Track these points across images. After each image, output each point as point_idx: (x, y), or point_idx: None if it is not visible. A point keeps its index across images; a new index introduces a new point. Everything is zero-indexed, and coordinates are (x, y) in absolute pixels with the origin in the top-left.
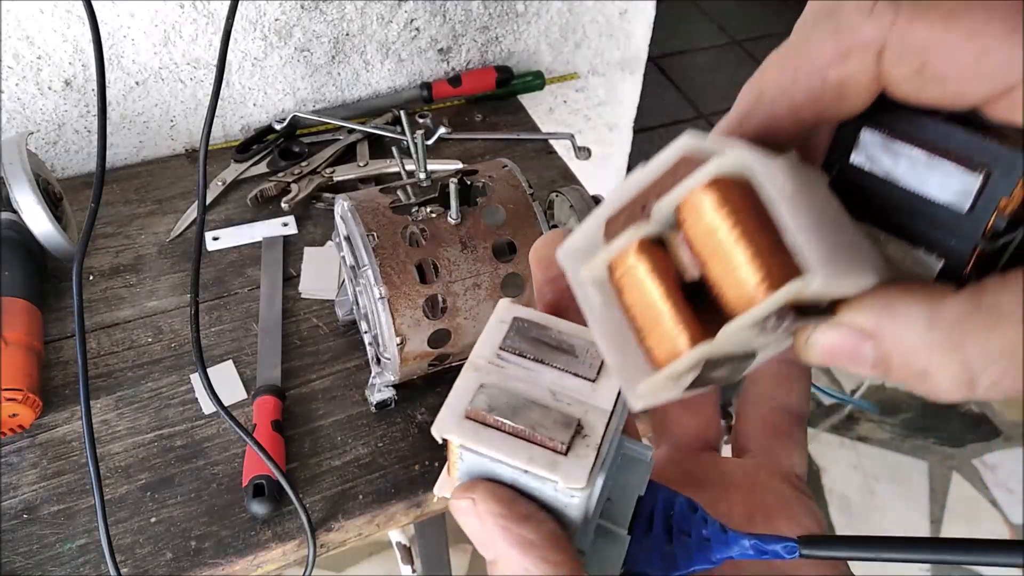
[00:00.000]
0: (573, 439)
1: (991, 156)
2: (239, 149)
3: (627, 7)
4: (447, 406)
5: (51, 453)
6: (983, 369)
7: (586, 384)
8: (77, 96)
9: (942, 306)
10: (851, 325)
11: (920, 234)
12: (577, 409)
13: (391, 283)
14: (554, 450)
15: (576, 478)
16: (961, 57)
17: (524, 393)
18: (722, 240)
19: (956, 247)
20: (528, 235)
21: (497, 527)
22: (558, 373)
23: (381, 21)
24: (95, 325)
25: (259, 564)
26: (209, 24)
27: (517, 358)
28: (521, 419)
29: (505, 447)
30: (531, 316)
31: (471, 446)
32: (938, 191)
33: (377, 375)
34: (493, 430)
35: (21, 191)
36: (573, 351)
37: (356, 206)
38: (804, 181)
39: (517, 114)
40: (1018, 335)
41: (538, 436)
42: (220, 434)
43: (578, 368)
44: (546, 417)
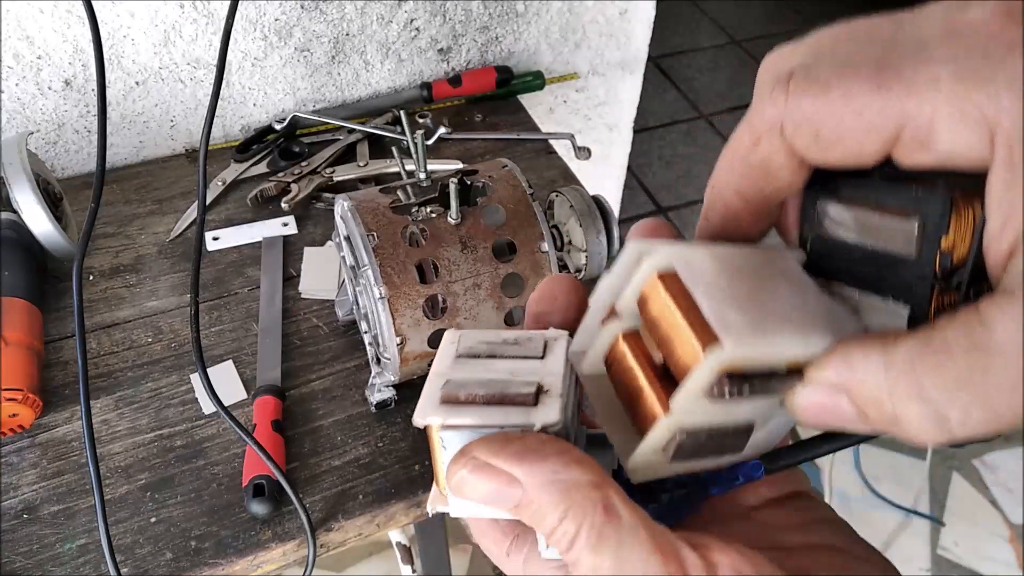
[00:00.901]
0: (538, 394)
1: (919, 203)
2: (239, 149)
3: (627, 7)
4: (423, 398)
5: (51, 453)
6: (948, 405)
7: (536, 362)
8: (77, 96)
9: (895, 349)
10: (820, 382)
11: (886, 285)
12: (534, 377)
13: (391, 283)
14: (525, 404)
15: (551, 417)
16: (844, 120)
17: (486, 377)
18: (667, 325)
19: (917, 291)
20: (528, 235)
21: (511, 459)
22: (510, 360)
23: (381, 21)
24: (95, 325)
25: (259, 564)
26: (209, 24)
27: (473, 359)
28: (490, 389)
29: (482, 414)
30: (475, 332)
31: (453, 421)
32: (888, 244)
33: (377, 375)
34: (468, 405)
35: (21, 191)
36: (518, 343)
37: (356, 206)
38: (733, 265)
39: (517, 114)
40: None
41: (508, 396)
42: (220, 434)
43: (526, 352)
44: (510, 386)
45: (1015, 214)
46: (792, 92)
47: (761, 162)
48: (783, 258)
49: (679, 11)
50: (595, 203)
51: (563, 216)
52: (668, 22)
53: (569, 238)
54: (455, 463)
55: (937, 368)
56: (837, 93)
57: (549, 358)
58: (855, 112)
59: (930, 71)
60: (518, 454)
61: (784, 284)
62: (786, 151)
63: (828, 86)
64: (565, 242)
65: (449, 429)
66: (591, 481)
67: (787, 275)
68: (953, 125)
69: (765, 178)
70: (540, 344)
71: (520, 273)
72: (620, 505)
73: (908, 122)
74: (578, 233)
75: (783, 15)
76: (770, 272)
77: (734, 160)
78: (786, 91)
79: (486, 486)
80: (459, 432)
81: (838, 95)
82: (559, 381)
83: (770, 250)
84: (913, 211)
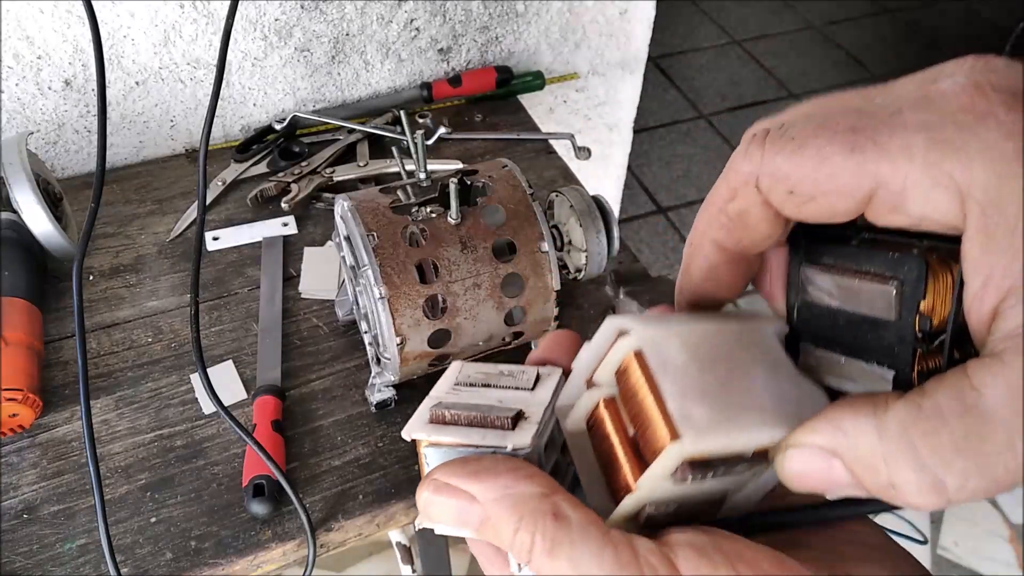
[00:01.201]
0: (517, 420)
1: (896, 267)
2: (239, 149)
3: (627, 7)
4: (413, 417)
5: (51, 453)
6: (945, 471)
7: (525, 393)
8: (77, 96)
9: (887, 414)
10: (810, 445)
11: (870, 350)
12: (519, 405)
13: (391, 283)
14: (503, 427)
15: (522, 441)
16: (818, 179)
17: (475, 402)
18: (639, 404)
19: (899, 354)
20: (528, 235)
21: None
22: (501, 390)
23: (381, 21)
24: (95, 325)
25: (259, 564)
26: (209, 24)
27: (468, 387)
28: (474, 412)
29: (462, 434)
30: (477, 364)
31: (435, 439)
32: (870, 308)
33: (377, 375)
34: (452, 425)
35: (21, 191)
36: (512, 375)
37: (356, 206)
38: (706, 348)
39: (517, 114)
40: (965, 431)
41: (489, 419)
42: (220, 434)
43: (517, 384)
44: (493, 411)
45: (994, 276)
46: (768, 149)
47: (738, 214)
48: (761, 332)
49: (679, 11)
50: (595, 203)
51: (563, 216)
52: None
53: (569, 238)
54: (421, 485)
55: (931, 434)
56: (811, 152)
57: (538, 390)
58: (828, 173)
59: (904, 138)
60: (474, 473)
61: (757, 367)
62: (762, 204)
63: (803, 145)
64: (565, 242)
65: (432, 446)
66: (540, 492)
67: (762, 353)
68: (926, 191)
69: (743, 229)
70: (532, 377)
71: (520, 273)
72: (569, 510)
73: (881, 186)
74: (578, 233)
75: (783, 15)
76: (745, 352)
77: (713, 212)
78: (762, 148)
79: (448, 505)
80: (440, 450)
81: (811, 154)
82: (540, 411)
83: (749, 320)
84: (891, 276)
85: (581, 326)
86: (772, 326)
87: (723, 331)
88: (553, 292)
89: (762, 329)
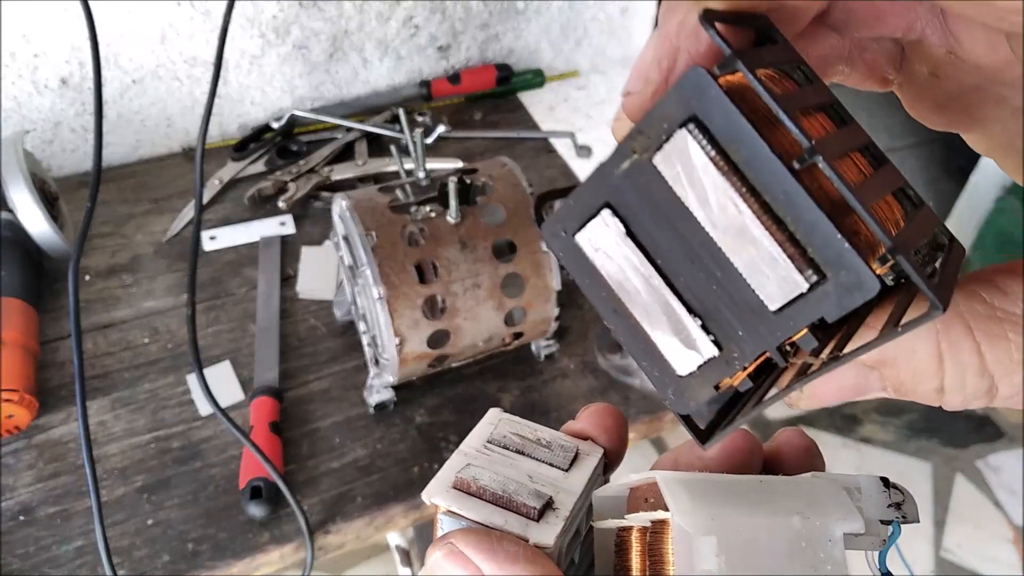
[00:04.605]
0: (544, 509)
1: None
2: (236, 148)
3: (628, 4)
4: (437, 477)
5: (48, 455)
6: (1004, 376)
7: (559, 472)
8: (73, 94)
9: (952, 318)
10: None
11: (703, 301)
12: (550, 489)
13: (390, 283)
14: (527, 516)
15: (546, 539)
16: None
17: (504, 473)
18: (661, 563)
19: (745, 342)
20: (528, 235)
21: (484, 554)
22: (535, 463)
23: (380, 18)
24: (91, 325)
25: (257, 567)
26: (206, 22)
27: (501, 449)
28: (500, 490)
29: (484, 512)
30: (516, 420)
31: (455, 510)
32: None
33: (375, 376)
34: (475, 498)
35: (17, 190)
36: (549, 447)
37: (354, 205)
38: (744, 559)
39: (517, 112)
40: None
41: (514, 503)
42: (217, 436)
43: (553, 460)
44: (522, 491)
45: None
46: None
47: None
48: (824, 534)
49: None
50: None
51: None
52: None
53: None
54: (436, 544)
55: (1000, 339)
56: None
57: (574, 473)
58: None
59: None
60: (491, 551)
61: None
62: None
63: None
64: None
65: (449, 514)
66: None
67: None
68: None
69: None
70: (571, 455)
71: (520, 273)
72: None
73: None
74: None
75: None
76: (799, 555)
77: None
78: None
79: (455, 572)
80: (458, 521)
81: None
82: (571, 502)
83: (813, 517)
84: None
85: (582, 327)
86: (841, 528)
87: (774, 532)
88: (554, 292)
89: (828, 530)
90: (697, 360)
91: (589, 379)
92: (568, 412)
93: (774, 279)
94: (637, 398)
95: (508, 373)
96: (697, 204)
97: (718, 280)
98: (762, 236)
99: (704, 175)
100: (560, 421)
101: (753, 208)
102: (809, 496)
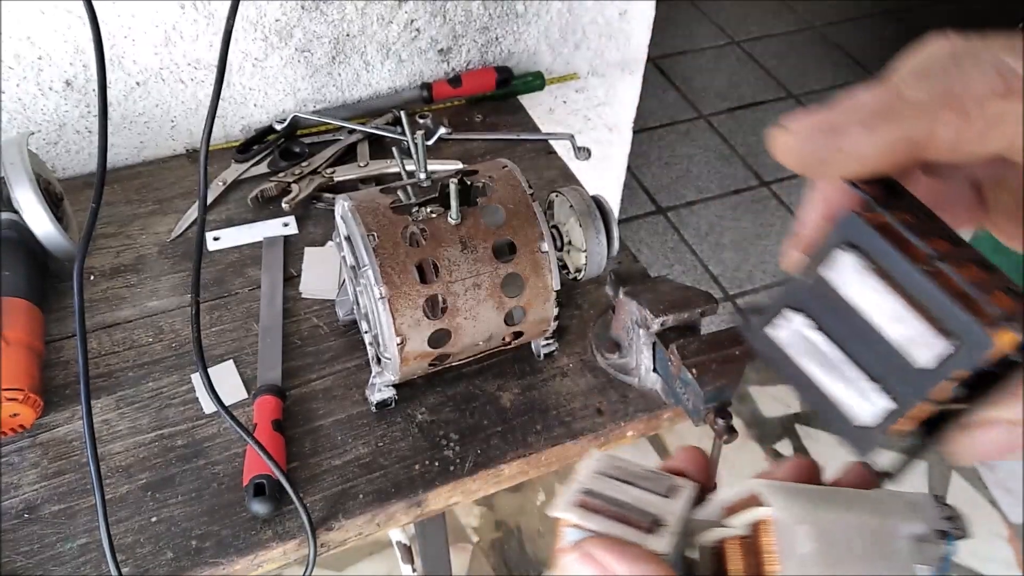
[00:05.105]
0: (653, 525)
1: (966, 329)
2: (240, 149)
3: (627, 8)
4: (564, 495)
5: (52, 453)
6: None
7: (660, 499)
8: (78, 96)
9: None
10: (998, 420)
11: (866, 362)
12: (654, 510)
13: (391, 283)
14: (641, 529)
15: (661, 547)
16: None
17: (617, 497)
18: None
19: (904, 394)
20: (528, 235)
21: (616, 557)
22: (640, 490)
23: (381, 22)
24: (96, 325)
25: (260, 563)
26: (209, 24)
27: (610, 480)
28: (616, 508)
29: (605, 525)
30: (617, 456)
31: (581, 522)
32: (898, 337)
33: (377, 375)
34: (596, 514)
35: (22, 191)
36: (650, 479)
37: (356, 206)
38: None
39: (517, 114)
40: None
41: (629, 519)
42: (221, 434)
43: (655, 488)
44: (633, 511)
45: None
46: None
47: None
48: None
49: (678, 12)
50: (595, 203)
51: (563, 216)
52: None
53: (569, 238)
54: (566, 551)
55: None
56: None
57: (672, 500)
58: None
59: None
60: (621, 555)
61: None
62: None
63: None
64: (565, 242)
65: (574, 527)
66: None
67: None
68: None
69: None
70: (667, 485)
71: (520, 273)
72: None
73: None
74: (578, 233)
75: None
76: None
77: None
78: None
79: (589, 572)
80: (581, 533)
81: None
82: (675, 520)
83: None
84: (952, 331)
85: (581, 326)
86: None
87: (863, 527)
88: (553, 292)
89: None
90: (874, 411)
91: (588, 378)
92: (567, 410)
93: (921, 344)
94: (635, 396)
95: (508, 371)
96: (859, 300)
97: (878, 350)
98: (909, 315)
99: (861, 278)
100: (560, 419)
101: (900, 297)
102: (885, 503)
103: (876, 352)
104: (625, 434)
